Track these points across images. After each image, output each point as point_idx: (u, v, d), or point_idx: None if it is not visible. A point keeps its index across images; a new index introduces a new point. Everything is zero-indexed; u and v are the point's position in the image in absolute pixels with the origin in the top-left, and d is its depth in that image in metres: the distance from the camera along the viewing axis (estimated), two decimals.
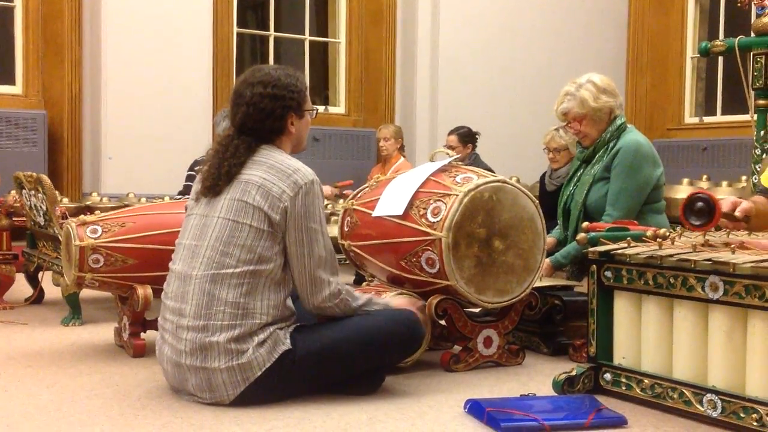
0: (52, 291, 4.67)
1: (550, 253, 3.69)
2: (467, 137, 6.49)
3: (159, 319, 2.76)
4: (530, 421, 2.36)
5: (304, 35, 8.35)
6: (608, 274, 2.71)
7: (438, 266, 2.97)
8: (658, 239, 2.69)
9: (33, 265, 4.66)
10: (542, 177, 5.41)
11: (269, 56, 8.20)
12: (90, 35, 7.10)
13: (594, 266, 2.74)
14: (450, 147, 6.32)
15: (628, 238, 2.74)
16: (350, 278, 5.31)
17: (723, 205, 2.62)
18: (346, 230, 3.35)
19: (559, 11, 8.60)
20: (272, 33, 8.23)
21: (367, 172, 7.21)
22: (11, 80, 7.13)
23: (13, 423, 2.42)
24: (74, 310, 4.08)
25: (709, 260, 2.38)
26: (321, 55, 8.59)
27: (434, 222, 2.97)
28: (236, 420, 2.44)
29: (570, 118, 3.74)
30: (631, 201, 3.58)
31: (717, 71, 8.46)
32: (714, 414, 2.37)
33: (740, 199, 2.67)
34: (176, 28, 7.11)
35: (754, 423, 2.26)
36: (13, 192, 4.95)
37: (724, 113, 8.42)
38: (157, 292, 3.18)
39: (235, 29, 7.78)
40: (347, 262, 3.49)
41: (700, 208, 2.50)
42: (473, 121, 6.77)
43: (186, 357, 2.57)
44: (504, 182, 3.07)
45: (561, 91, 3.78)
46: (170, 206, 3.65)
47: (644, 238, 2.75)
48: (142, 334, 3.39)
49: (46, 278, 4.66)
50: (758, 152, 5.19)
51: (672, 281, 2.49)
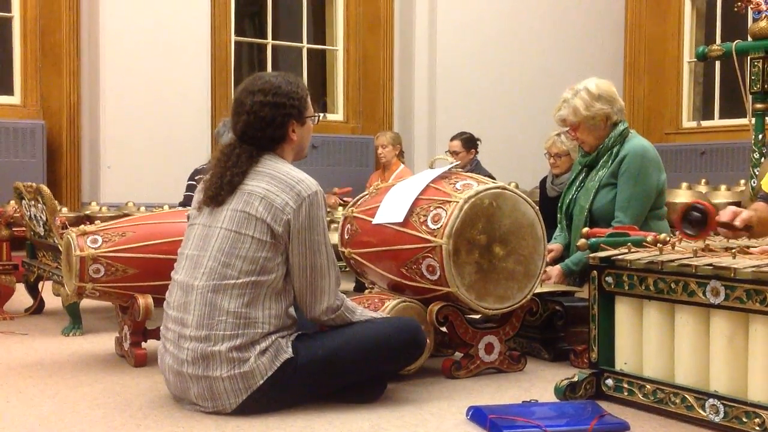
0: (53, 301, 4.66)
1: (558, 260, 3.69)
2: (470, 142, 6.48)
3: (161, 328, 2.76)
4: (533, 428, 2.36)
5: (302, 43, 8.37)
6: (609, 280, 2.71)
7: (439, 273, 2.97)
8: (659, 244, 2.69)
9: (33, 276, 4.66)
10: (542, 182, 5.41)
11: (267, 64, 8.21)
12: (88, 45, 7.11)
13: (595, 272, 2.74)
14: (453, 152, 6.32)
15: (629, 244, 2.74)
16: (350, 285, 5.31)
17: (723, 215, 2.62)
18: (347, 238, 3.35)
19: (557, 16, 8.62)
20: (270, 41, 8.24)
21: (366, 179, 7.22)
22: (10, 91, 7.14)
23: None
24: (75, 320, 4.07)
25: (710, 265, 2.38)
26: (319, 63, 8.61)
27: (435, 229, 2.97)
28: (238, 429, 2.44)
29: (567, 125, 3.77)
30: (641, 206, 3.59)
31: (714, 75, 8.49)
32: (716, 419, 2.37)
33: (740, 209, 2.67)
34: (174, 37, 7.13)
35: (757, 428, 2.26)
36: (13, 202, 4.95)
37: (722, 117, 8.44)
38: (158, 302, 3.18)
39: (233, 37, 7.81)
40: (347, 270, 3.49)
41: (695, 218, 2.52)
42: (471, 127, 6.77)
43: (188, 366, 2.57)
44: (504, 188, 3.07)
45: (560, 97, 3.78)
46: (170, 215, 3.65)
47: (645, 244, 2.76)
48: (143, 344, 3.38)
49: (47, 288, 4.65)
50: (756, 156, 5.20)
51: (673, 286, 2.49)
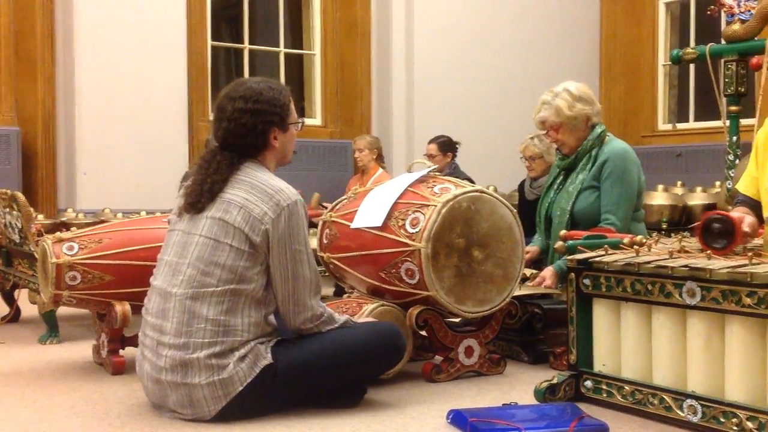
0: (29, 309, 4.61)
1: (535, 262, 3.71)
2: (447, 146, 6.49)
3: (139, 335, 2.74)
4: (513, 431, 2.36)
5: (279, 48, 8.36)
6: (587, 282, 2.72)
7: (418, 277, 2.97)
8: (635, 246, 2.71)
9: (9, 283, 4.61)
10: (521, 185, 5.44)
11: (244, 69, 8.19)
12: (63, 51, 7.06)
13: (573, 274, 2.76)
14: (429, 156, 6.32)
15: (606, 246, 2.75)
16: (330, 290, 5.30)
17: (743, 224, 2.58)
18: (325, 242, 3.34)
19: (533, 21, 8.67)
20: (247, 45, 8.22)
21: (345, 184, 7.21)
22: None
23: None
24: (51, 328, 4.04)
25: (686, 266, 2.40)
26: (296, 68, 8.60)
27: (413, 233, 2.97)
28: None
29: (547, 127, 3.78)
30: (628, 207, 3.64)
31: (689, 78, 8.57)
32: (694, 419, 2.39)
33: (744, 214, 2.67)
34: (150, 42, 7.09)
35: (734, 427, 2.28)
36: None
37: (697, 119, 8.52)
38: (136, 309, 3.16)
39: (210, 42, 7.78)
40: (327, 274, 3.48)
41: (719, 230, 2.51)
42: (450, 131, 6.79)
43: (166, 373, 2.55)
44: (482, 192, 3.08)
45: (539, 100, 3.81)
46: (147, 221, 3.62)
47: (622, 246, 2.78)
48: (121, 351, 3.36)
49: (23, 296, 4.61)
50: (731, 157, 5.26)
51: (650, 288, 2.51)
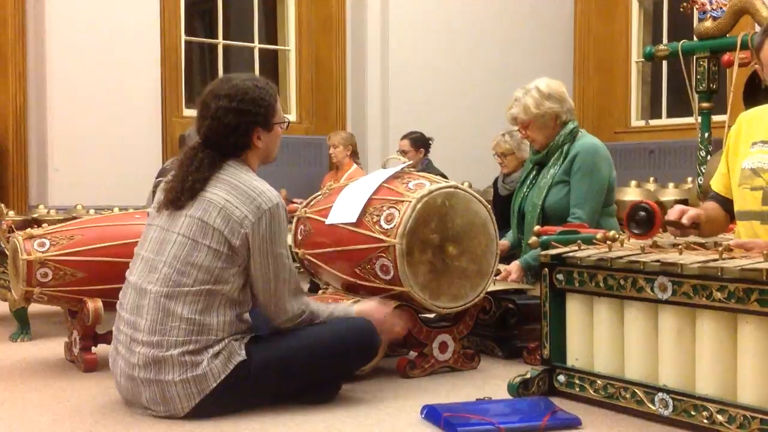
0: (0, 306, 4.57)
1: (505, 257, 3.73)
2: (419, 142, 6.50)
3: (114, 329, 2.72)
4: (486, 425, 2.37)
5: (254, 43, 8.32)
6: (560, 277, 2.74)
7: (392, 273, 2.97)
8: (608, 242, 2.72)
9: None
10: (495, 181, 5.46)
11: (218, 65, 8.15)
12: (34, 46, 6.98)
13: (546, 269, 2.77)
14: (402, 152, 6.33)
15: (579, 241, 2.77)
16: (305, 287, 5.28)
17: (670, 214, 2.69)
18: (300, 238, 3.34)
19: (507, 18, 8.70)
20: (221, 41, 8.18)
21: (320, 180, 7.20)
22: None
23: None
24: (22, 326, 4.00)
25: (658, 261, 2.42)
26: (271, 63, 8.56)
27: (388, 229, 2.97)
28: None
29: (518, 123, 3.81)
30: (597, 202, 3.66)
31: (662, 75, 8.64)
32: (665, 413, 2.41)
33: (688, 207, 2.73)
34: (123, 38, 7.02)
35: (705, 420, 2.30)
36: None
37: (670, 116, 8.59)
38: (108, 306, 3.14)
39: (183, 37, 7.72)
40: (302, 271, 3.47)
41: (642, 218, 2.60)
42: (425, 127, 6.80)
43: (139, 370, 2.54)
44: (456, 188, 3.09)
45: (511, 97, 3.83)
46: (119, 218, 3.60)
47: (594, 241, 2.79)
48: (93, 348, 3.33)
49: None
50: (703, 154, 5.31)
51: (622, 283, 2.52)
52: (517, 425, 2.40)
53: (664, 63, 8.06)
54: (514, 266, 3.62)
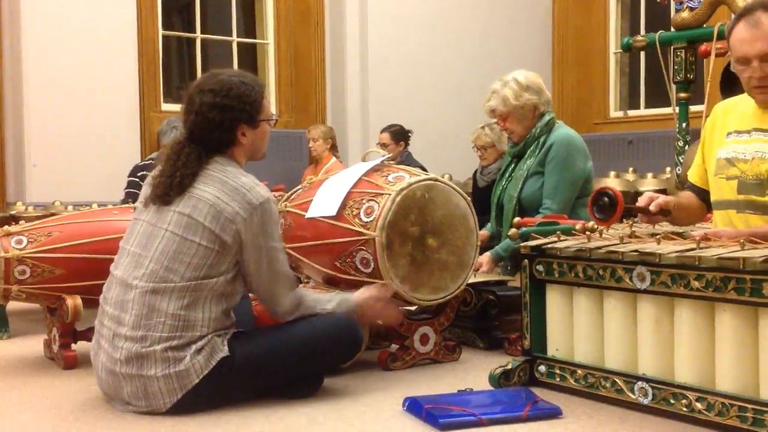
0: None
1: (484, 248, 3.74)
2: (399, 135, 6.51)
3: (96, 323, 2.70)
4: (468, 416, 2.38)
5: (232, 37, 8.28)
6: (540, 268, 2.75)
7: (372, 266, 2.98)
8: (587, 232, 2.74)
9: None
10: (475, 173, 5.49)
11: (196, 59, 8.09)
12: (10, 41, 6.89)
13: (526, 260, 2.78)
14: (382, 144, 6.34)
15: (558, 232, 2.78)
16: None
17: (639, 201, 2.72)
18: (280, 232, 3.33)
19: (486, 10, 8.70)
20: (199, 35, 8.12)
21: (300, 174, 7.18)
22: None
23: None
24: (1, 324, 3.97)
25: (636, 251, 2.44)
26: (249, 57, 8.52)
27: (367, 222, 2.97)
28: (173, 428, 2.41)
29: (497, 116, 3.83)
30: (568, 193, 3.67)
31: (639, 66, 8.67)
32: (645, 401, 2.43)
33: (657, 195, 2.75)
34: (99, 31, 6.96)
35: (684, 408, 2.33)
36: None
37: (648, 107, 8.63)
38: (87, 303, 3.12)
39: (161, 31, 7.66)
40: None
41: (604, 203, 2.62)
42: (404, 120, 6.80)
43: (121, 365, 2.53)
44: (436, 180, 3.09)
45: (489, 89, 3.84)
46: (98, 214, 3.57)
47: (573, 232, 2.81)
48: (73, 346, 3.31)
49: None
50: (681, 144, 5.35)
51: (601, 273, 2.54)
52: (499, 416, 2.41)
53: (642, 54, 8.11)
54: (485, 257, 3.63)
